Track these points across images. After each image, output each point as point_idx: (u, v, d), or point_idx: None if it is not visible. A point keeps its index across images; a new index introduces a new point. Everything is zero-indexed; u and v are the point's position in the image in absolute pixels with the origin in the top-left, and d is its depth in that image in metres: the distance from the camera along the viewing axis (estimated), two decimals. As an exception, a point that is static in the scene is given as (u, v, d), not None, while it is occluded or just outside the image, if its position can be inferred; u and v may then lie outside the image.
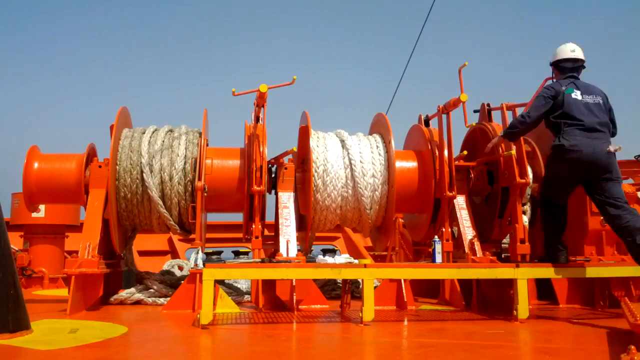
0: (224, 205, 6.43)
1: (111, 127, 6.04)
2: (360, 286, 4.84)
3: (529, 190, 6.26)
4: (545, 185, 5.40)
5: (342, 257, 6.49)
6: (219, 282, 5.72)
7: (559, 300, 5.96)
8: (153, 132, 6.25)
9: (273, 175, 6.28)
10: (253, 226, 5.91)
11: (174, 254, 11.18)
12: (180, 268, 7.51)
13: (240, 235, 6.64)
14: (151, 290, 6.23)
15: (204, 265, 4.72)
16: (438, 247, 5.50)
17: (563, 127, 5.05)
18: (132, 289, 6.20)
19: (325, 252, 9.06)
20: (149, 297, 6.14)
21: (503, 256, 6.35)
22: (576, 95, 5.12)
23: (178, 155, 6.04)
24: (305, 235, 6.30)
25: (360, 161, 6.23)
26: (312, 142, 6.23)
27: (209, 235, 7.18)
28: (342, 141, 6.39)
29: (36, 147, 6.24)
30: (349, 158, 6.23)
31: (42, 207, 8.63)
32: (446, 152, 6.21)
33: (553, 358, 3.43)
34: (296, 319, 4.96)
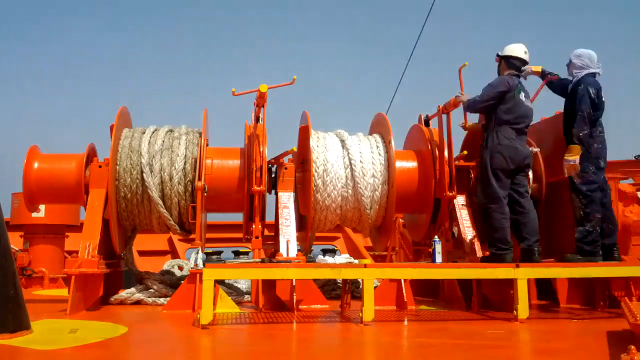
0: (224, 205, 6.43)
1: (111, 127, 6.04)
2: (360, 286, 4.84)
3: (529, 190, 6.25)
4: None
5: (342, 257, 6.50)
6: (219, 282, 5.72)
7: (559, 300, 5.96)
8: (153, 132, 6.25)
9: (273, 175, 6.28)
10: (253, 226, 5.92)
11: (174, 254, 11.16)
12: (180, 268, 7.50)
13: (240, 235, 6.65)
14: (151, 290, 6.23)
15: (204, 265, 4.72)
16: (438, 247, 5.50)
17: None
18: (132, 289, 6.20)
19: (325, 252, 9.05)
20: (149, 297, 6.14)
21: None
22: (522, 96, 5.67)
23: (178, 155, 6.04)
24: (305, 235, 6.30)
25: (360, 161, 6.23)
26: (312, 142, 6.23)
27: (209, 235, 7.17)
28: (342, 141, 6.39)
29: (36, 147, 6.24)
30: (349, 158, 6.23)
31: (42, 207, 8.61)
32: (446, 152, 6.22)
33: (553, 358, 3.43)
34: (296, 319, 4.96)
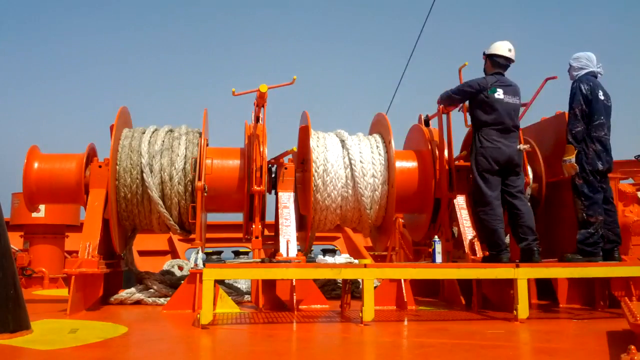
0: (224, 205, 6.43)
1: (111, 127, 6.04)
2: (360, 286, 4.84)
3: (529, 190, 6.26)
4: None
5: (342, 257, 6.49)
6: (219, 282, 5.72)
7: (559, 300, 5.95)
8: (153, 132, 6.25)
9: (273, 175, 6.28)
10: (253, 226, 5.92)
11: (174, 254, 11.17)
12: (180, 268, 7.51)
13: (240, 235, 6.65)
14: (151, 290, 6.23)
15: (204, 265, 4.72)
16: (438, 247, 5.50)
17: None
18: (132, 289, 6.20)
19: (325, 252, 9.05)
20: (149, 297, 6.14)
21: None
22: (499, 94, 5.58)
23: (178, 155, 6.04)
24: (305, 235, 6.30)
25: (360, 161, 6.23)
26: (312, 142, 6.23)
27: (209, 235, 7.17)
28: (342, 141, 6.39)
29: (36, 147, 6.24)
30: (349, 158, 6.23)
31: (42, 207, 8.61)
32: (446, 152, 6.21)
33: (553, 358, 3.43)
34: (296, 319, 4.95)
